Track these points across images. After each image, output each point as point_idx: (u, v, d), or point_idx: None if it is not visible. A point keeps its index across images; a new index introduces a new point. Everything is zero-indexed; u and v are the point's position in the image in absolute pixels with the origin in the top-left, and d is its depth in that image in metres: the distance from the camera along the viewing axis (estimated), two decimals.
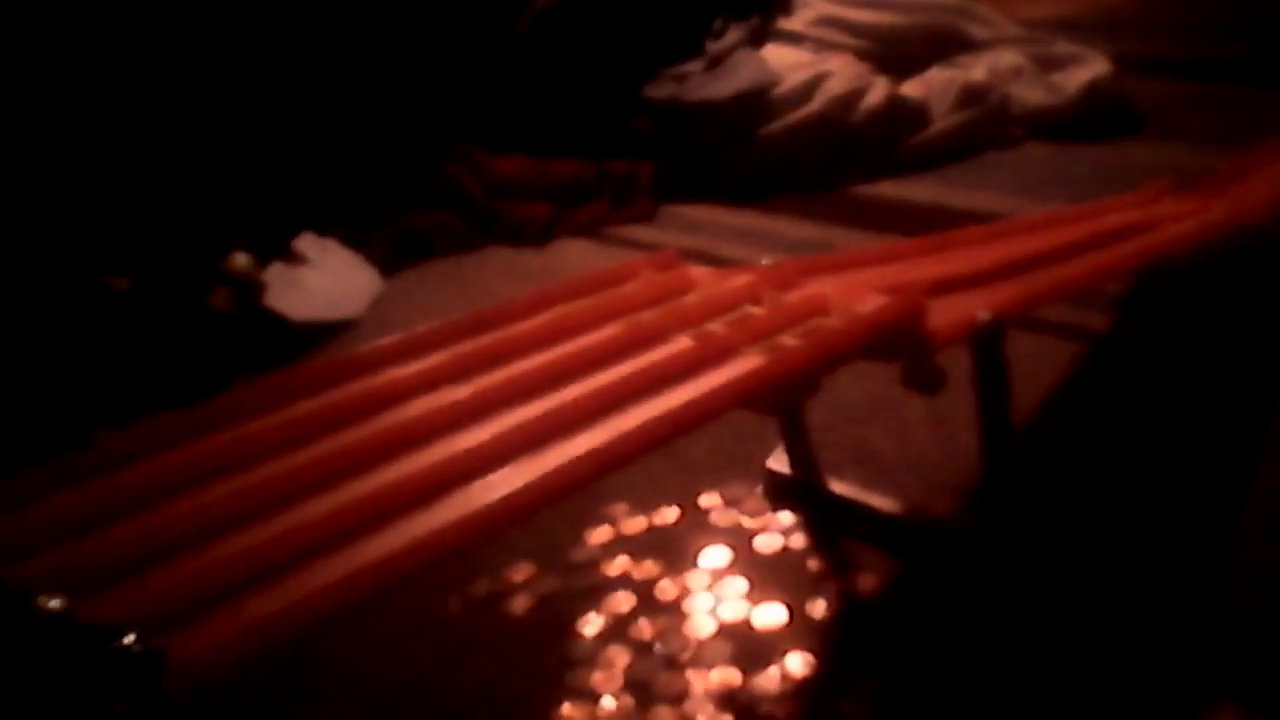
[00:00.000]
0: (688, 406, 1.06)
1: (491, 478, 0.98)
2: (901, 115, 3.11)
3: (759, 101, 3.04)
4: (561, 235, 2.83)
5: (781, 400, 1.37)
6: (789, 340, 1.20)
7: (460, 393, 1.13)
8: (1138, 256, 1.65)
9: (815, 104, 3.02)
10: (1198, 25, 4.12)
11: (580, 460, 0.99)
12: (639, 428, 1.03)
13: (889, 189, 2.94)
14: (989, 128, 3.18)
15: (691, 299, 1.34)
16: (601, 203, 2.94)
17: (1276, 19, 3.87)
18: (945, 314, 1.32)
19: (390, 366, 1.19)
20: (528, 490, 0.95)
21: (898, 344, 1.27)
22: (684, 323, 1.25)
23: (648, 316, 1.28)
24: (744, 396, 1.14)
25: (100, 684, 0.70)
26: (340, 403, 1.12)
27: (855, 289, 1.34)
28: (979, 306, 1.34)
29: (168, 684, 0.73)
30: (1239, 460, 1.61)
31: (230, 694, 1.33)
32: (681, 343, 1.21)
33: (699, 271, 1.43)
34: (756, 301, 1.33)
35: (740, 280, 1.38)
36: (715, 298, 1.32)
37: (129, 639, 0.72)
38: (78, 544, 0.89)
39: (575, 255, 2.72)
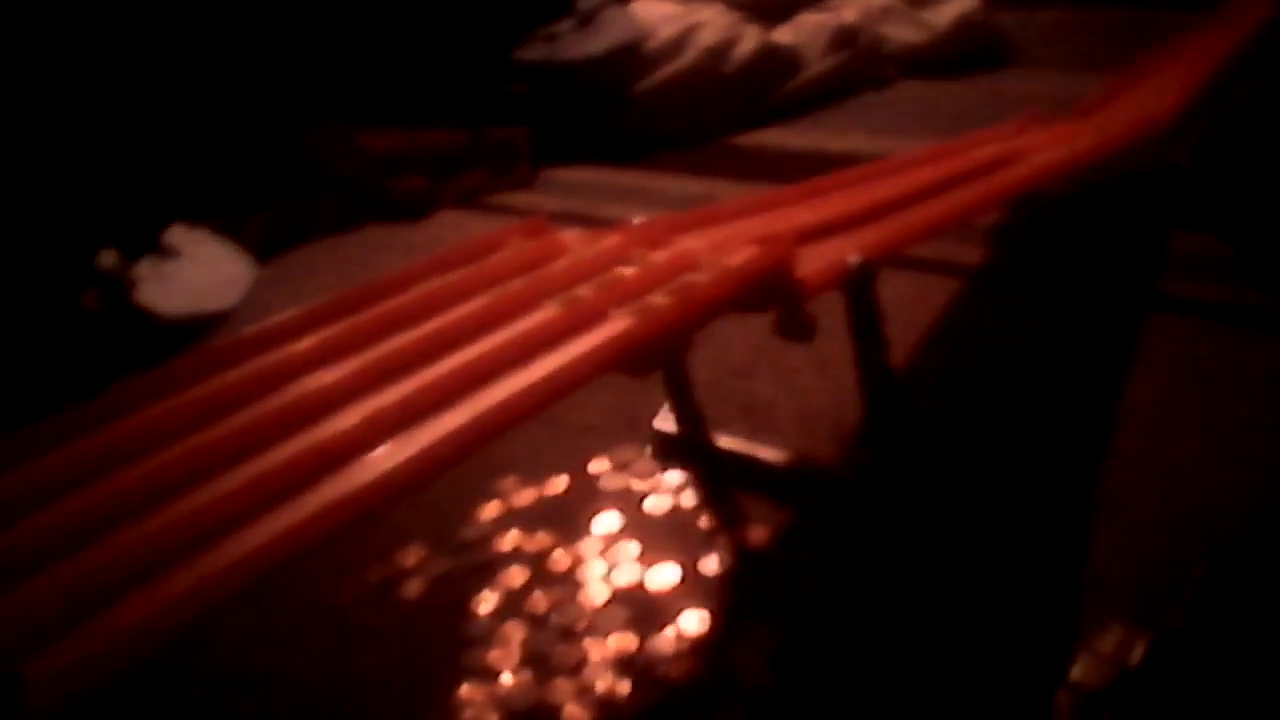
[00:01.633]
0: (556, 374, 1.04)
1: (366, 459, 0.95)
2: (774, 62, 3.11)
3: (631, 57, 3.02)
4: (441, 207, 2.79)
5: (654, 361, 1.35)
6: (658, 299, 1.18)
7: (331, 375, 1.10)
8: (1005, 189, 1.66)
9: (687, 57, 3.01)
10: None
11: (452, 435, 0.97)
12: (506, 400, 1.01)
13: (767, 137, 2.94)
14: (862, 69, 3.19)
15: (560, 265, 1.31)
16: (479, 171, 2.90)
17: None
18: (815, 261, 1.32)
19: (258, 354, 1.16)
20: (402, 468, 0.93)
21: (769, 294, 1.26)
22: (552, 289, 1.23)
23: (516, 286, 1.26)
24: (614, 360, 1.12)
25: None
26: (210, 394, 1.09)
27: (725, 242, 1.33)
28: (849, 251, 1.34)
29: (30, 707, 0.70)
30: (1111, 386, 1.64)
31: (110, 708, 1.29)
32: (550, 310, 1.18)
33: (569, 235, 1.40)
34: (626, 262, 1.31)
35: (609, 242, 1.36)
36: (584, 262, 1.30)
37: None
38: None
39: (455, 227, 2.68)
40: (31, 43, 2.60)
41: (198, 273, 2.42)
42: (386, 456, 0.95)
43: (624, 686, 1.24)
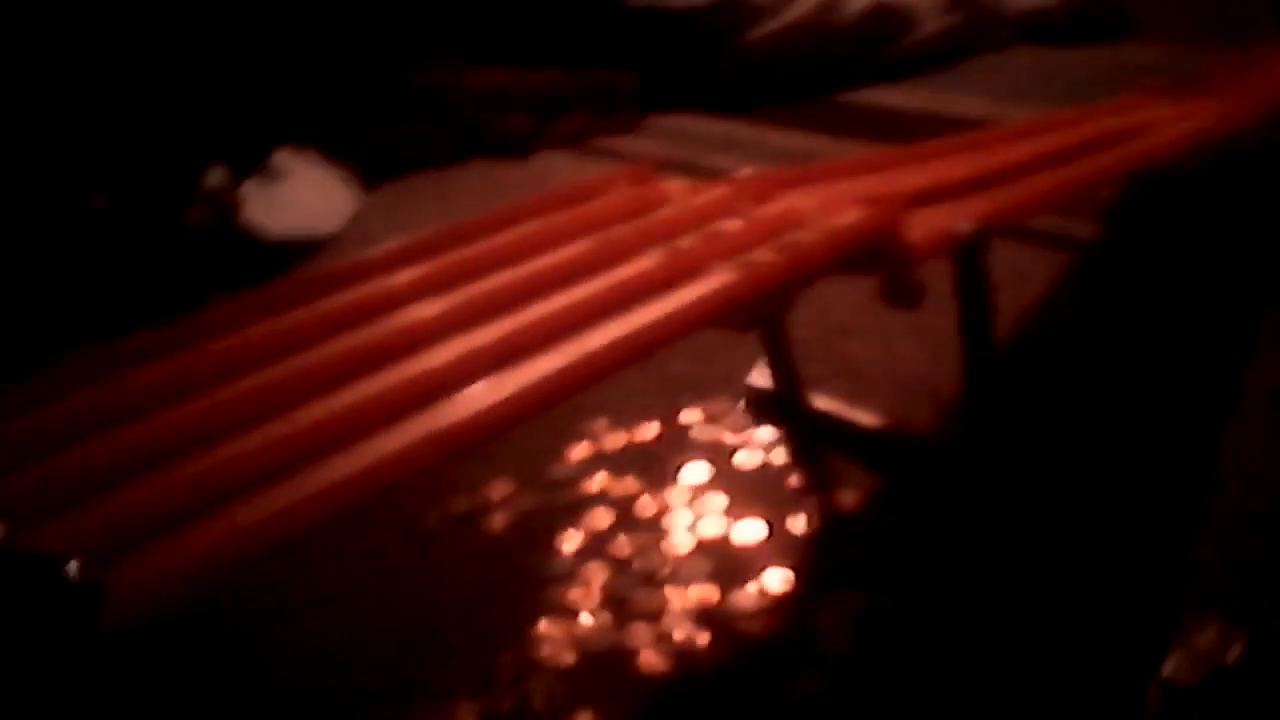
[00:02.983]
0: (654, 326, 1.04)
1: (459, 396, 0.96)
2: (888, 19, 3.05)
3: (741, 7, 2.98)
4: (544, 148, 2.79)
5: (754, 317, 1.35)
6: (762, 255, 1.17)
7: (429, 310, 1.11)
8: (1126, 163, 1.62)
9: (798, 9, 2.96)
10: None
11: (546, 380, 0.98)
12: (604, 348, 1.01)
13: (876, 96, 2.89)
14: (977, 31, 3.12)
15: (664, 214, 1.31)
16: (584, 114, 2.89)
17: None
18: (925, 226, 1.29)
19: (358, 283, 1.18)
20: (496, 408, 0.94)
21: (875, 257, 1.25)
22: (655, 239, 1.22)
23: (619, 232, 1.25)
24: (714, 315, 1.11)
25: (35, 614, 0.69)
26: (307, 321, 1.11)
27: (833, 201, 1.31)
28: (960, 217, 1.31)
29: (110, 614, 0.71)
30: (1226, 369, 1.60)
31: (207, 609, 1.32)
32: (652, 259, 1.18)
33: (673, 185, 1.40)
34: (731, 215, 1.30)
35: (715, 194, 1.34)
36: (688, 212, 1.29)
37: (70, 568, 0.70)
38: (28, 469, 0.87)
39: (558, 168, 2.68)
40: None
41: (304, 195, 2.45)
42: (480, 395, 0.96)
43: (702, 638, 1.24)
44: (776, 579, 1.32)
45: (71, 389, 0.98)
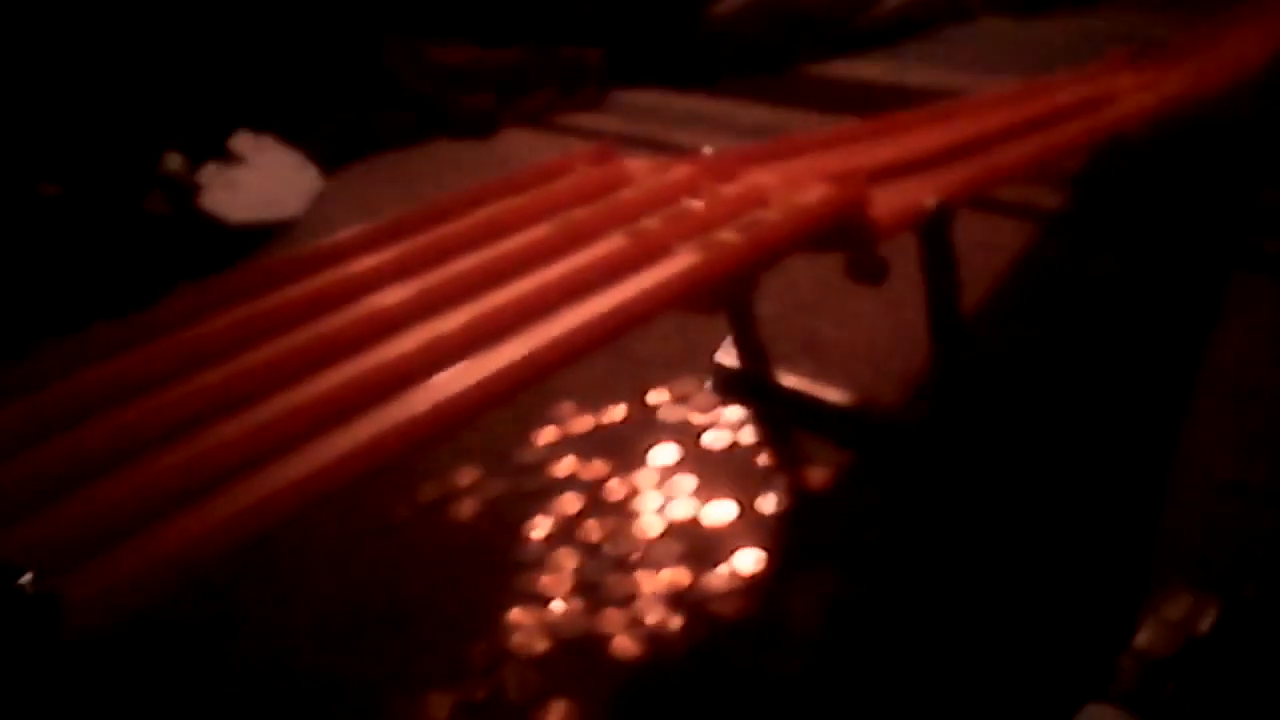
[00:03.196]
0: (618, 309, 1.03)
1: (426, 384, 0.95)
2: None
3: None
4: (508, 125, 2.76)
5: (720, 298, 1.33)
6: (726, 236, 1.16)
7: (393, 296, 1.09)
8: (1091, 133, 1.61)
9: None
10: None
11: (513, 366, 0.96)
12: (570, 333, 1.00)
13: (843, 68, 2.88)
14: (945, 2, 3.10)
15: (627, 194, 1.29)
16: (548, 90, 2.86)
17: None
18: (890, 201, 1.28)
19: (321, 270, 1.15)
20: (464, 396, 0.93)
21: (840, 235, 1.23)
22: (618, 220, 1.21)
23: (581, 214, 1.24)
24: (679, 297, 1.10)
25: None
26: (270, 310, 1.08)
27: (797, 178, 1.29)
28: (925, 192, 1.30)
29: (71, 622, 0.70)
30: (1193, 339, 1.59)
31: (171, 605, 1.30)
32: (615, 241, 1.16)
33: (636, 164, 1.38)
34: (695, 194, 1.28)
35: (678, 173, 1.33)
36: (651, 192, 1.28)
37: (24, 579, 0.68)
38: None
39: (522, 146, 2.65)
40: None
41: (263, 180, 2.42)
42: (447, 383, 0.94)
43: (675, 621, 1.23)
44: (747, 560, 1.31)
45: (27, 388, 0.96)
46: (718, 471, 1.46)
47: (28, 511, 0.81)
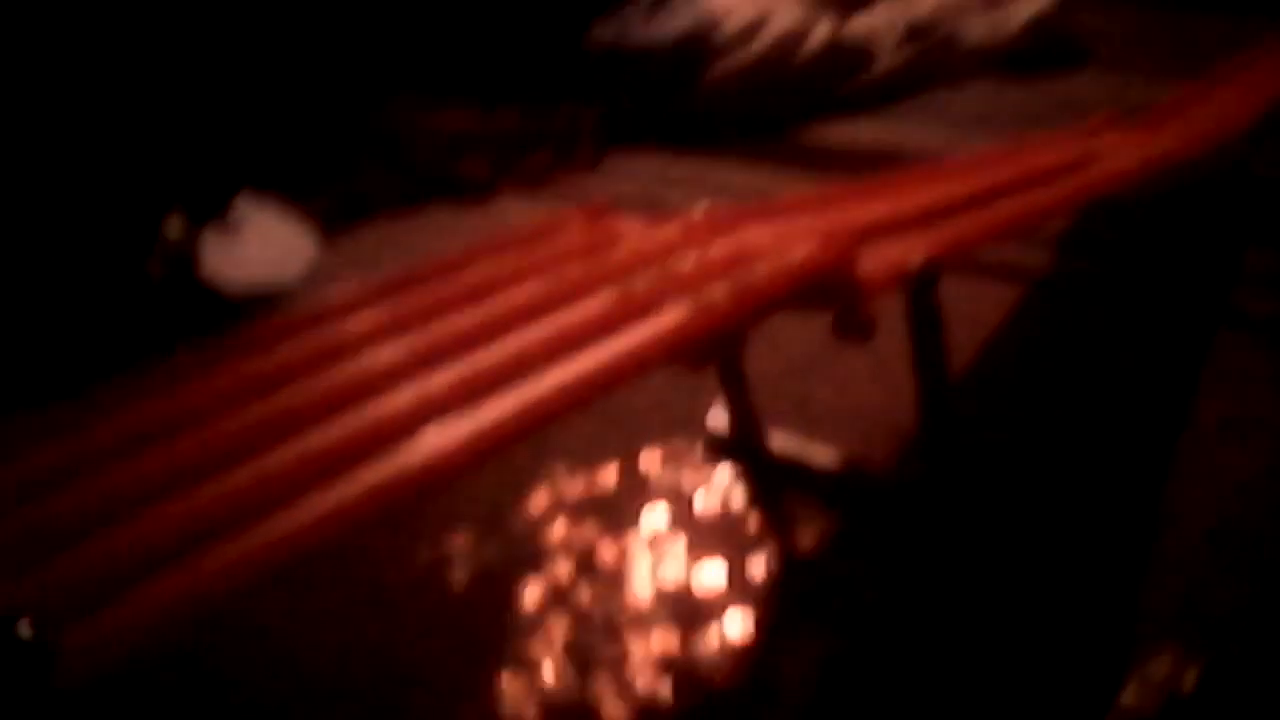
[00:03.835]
0: (608, 365, 1.03)
1: (417, 440, 0.94)
2: (845, 55, 3.07)
3: (701, 44, 2.99)
4: (504, 190, 2.78)
5: (709, 354, 1.33)
6: (715, 292, 1.16)
7: (385, 354, 1.09)
8: (1077, 193, 1.62)
9: (757, 46, 2.97)
10: None
11: (503, 422, 0.96)
12: (558, 390, 1.00)
13: (835, 131, 2.90)
14: (934, 65, 3.14)
15: (618, 252, 1.29)
16: (544, 153, 2.88)
17: None
18: (878, 259, 1.28)
19: (314, 330, 1.16)
20: (452, 452, 0.93)
21: (828, 292, 1.23)
22: (609, 277, 1.21)
23: (572, 272, 1.24)
24: (668, 353, 1.10)
25: None
26: (264, 370, 1.08)
27: (786, 236, 1.30)
28: (913, 251, 1.30)
29: (64, 673, 0.69)
30: (1179, 398, 1.59)
31: (151, 671, 1.29)
32: (606, 298, 1.16)
33: (627, 223, 1.38)
34: (685, 252, 1.28)
35: (669, 231, 1.33)
36: (642, 250, 1.28)
37: (21, 628, 0.68)
38: None
39: (518, 210, 2.66)
40: (106, 6, 2.62)
41: (262, 245, 2.43)
42: (437, 439, 0.94)
43: (664, 687, 1.22)
44: (737, 623, 1.30)
45: (30, 446, 0.96)
46: (708, 534, 1.45)
47: (25, 565, 0.80)
